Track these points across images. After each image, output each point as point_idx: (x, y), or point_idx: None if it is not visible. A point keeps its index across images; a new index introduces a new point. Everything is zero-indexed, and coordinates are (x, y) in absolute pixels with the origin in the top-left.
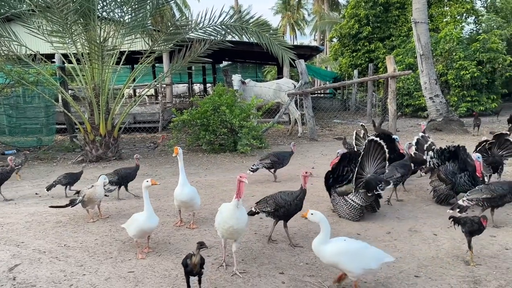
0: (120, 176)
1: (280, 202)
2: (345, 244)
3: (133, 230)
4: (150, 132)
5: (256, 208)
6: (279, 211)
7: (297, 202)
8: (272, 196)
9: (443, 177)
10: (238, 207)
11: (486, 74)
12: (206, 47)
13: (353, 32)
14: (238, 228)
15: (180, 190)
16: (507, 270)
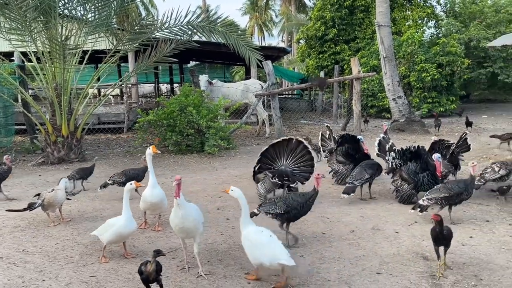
0: (128, 177)
1: (291, 204)
2: (252, 233)
3: (110, 236)
4: (115, 133)
5: (260, 210)
6: (290, 213)
7: (309, 204)
8: (282, 197)
9: (405, 177)
10: (178, 206)
11: (446, 76)
12: (172, 47)
13: (319, 34)
14: (185, 226)
15: (151, 192)
16: (463, 265)
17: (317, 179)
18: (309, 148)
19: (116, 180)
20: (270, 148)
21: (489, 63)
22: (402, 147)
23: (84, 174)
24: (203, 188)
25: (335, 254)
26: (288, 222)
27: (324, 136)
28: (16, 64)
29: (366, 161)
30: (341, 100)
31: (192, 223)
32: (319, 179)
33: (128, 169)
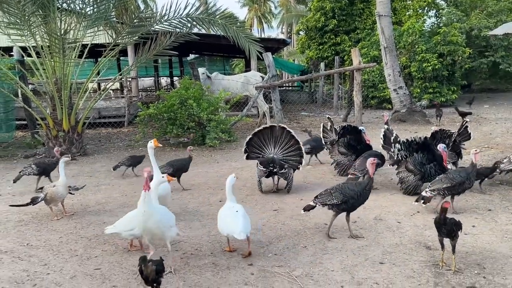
0: (175, 168)
1: (349, 194)
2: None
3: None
4: (116, 127)
5: (317, 202)
6: (347, 203)
7: (366, 192)
8: (337, 188)
9: (412, 168)
10: (145, 201)
11: (447, 66)
12: (171, 40)
13: (319, 25)
14: (147, 226)
15: None
16: (466, 254)
17: (372, 165)
18: (293, 133)
19: (163, 172)
20: (253, 137)
21: (490, 52)
22: (408, 139)
23: (133, 161)
24: (205, 181)
25: (337, 245)
26: (347, 212)
27: (325, 128)
28: (15, 59)
29: (369, 151)
30: (341, 91)
31: (155, 224)
32: (373, 164)
33: (174, 160)
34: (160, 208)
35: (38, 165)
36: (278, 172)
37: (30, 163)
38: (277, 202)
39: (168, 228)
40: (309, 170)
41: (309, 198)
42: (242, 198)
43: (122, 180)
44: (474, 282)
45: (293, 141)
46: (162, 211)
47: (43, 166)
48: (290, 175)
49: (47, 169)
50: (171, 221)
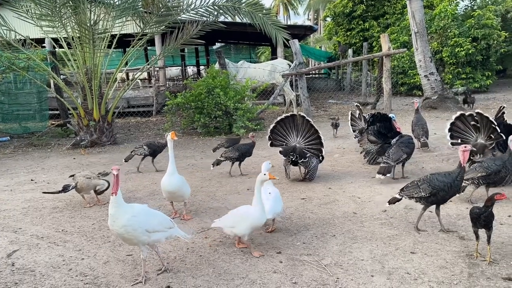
0: (241, 152)
1: (438, 185)
2: None
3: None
4: (144, 116)
5: (403, 194)
6: (437, 195)
7: (457, 183)
8: (425, 179)
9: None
10: (115, 205)
11: (481, 50)
12: (198, 29)
13: (347, 10)
14: (114, 230)
15: (168, 180)
16: (502, 245)
17: (464, 152)
18: (312, 122)
19: (229, 156)
20: (277, 125)
21: None
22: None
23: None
24: (233, 169)
25: (367, 234)
26: (437, 205)
27: (353, 116)
28: (47, 50)
29: (402, 139)
30: (370, 78)
31: (122, 229)
32: (466, 152)
33: (239, 144)
34: (137, 212)
35: (149, 146)
36: (299, 161)
37: (142, 144)
38: (305, 191)
39: (144, 233)
40: (337, 159)
41: (337, 186)
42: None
43: (152, 168)
44: (510, 273)
45: (312, 130)
46: (138, 216)
47: (154, 147)
48: (312, 164)
49: (157, 151)
50: (148, 224)
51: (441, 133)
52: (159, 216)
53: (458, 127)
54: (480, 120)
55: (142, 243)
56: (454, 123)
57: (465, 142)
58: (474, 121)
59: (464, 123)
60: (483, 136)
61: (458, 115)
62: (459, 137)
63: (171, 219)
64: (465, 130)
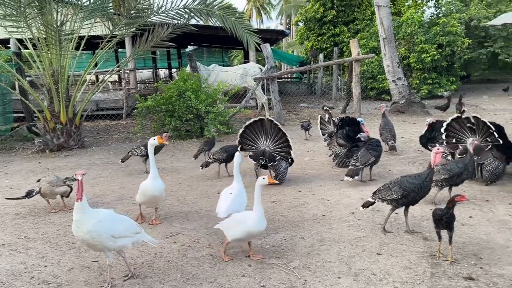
0: (229, 153)
1: (408, 187)
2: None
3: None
4: (114, 120)
5: (375, 198)
6: (407, 197)
7: (427, 184)
8: (396, 182)
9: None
10: (80, 211)
11: (446, 57)
12: (169, 31)
13: (318, 16)
14: (79, 236)
15: (152, 184)
16: (463, 245)
17: (436, 154)
18: (280, 126)
19: (217, 157)
20: (246, 130)
21: (489, 42)
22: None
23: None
24: (204, 173)
25: (335, 236)
26: (407, 206)
27: (323, 120)
28: (12, 51)
29: (370, 142)
30: (340, 82)
31: (87, 235)
32: (438, 154)
33: (227, 145)
34: (103, 217)
35: (146, 146)
36: (268, 165)
37: (139, 145)
38: (275, 194)
39: (110, 239)
40: (307, 162)
41: (307, 189)
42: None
43: (121, 172)
44: (470, 272)
45: (281, 133)
46: (104, 221)
47: None
48: (281, 167)
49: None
50: (115, 230)
51: (409, 136)
52: (126, 221)
53: (454, 128)
54: (477, 123)
55: (108, 249)
56: (450, 124)
57: (460, 142)
58: (471, 124)
59: (460, 125)
60: (479, 138)
61: (455, 117)
62: (454, 137)
63: (138, 224)
64: (461, 131)
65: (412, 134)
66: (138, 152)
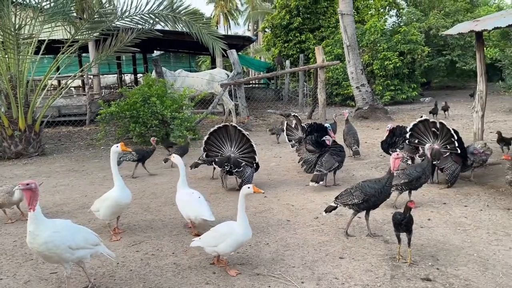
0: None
1: (369, 192)
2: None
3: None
4: (77, 126)
5: (337, 202)
6: (368, 202)
7: (387, 188)
8: (357, 186)
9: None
10: (35, 221)
11: (407, 64)
12: (133, 36)
13: (284, 22)
14: (34, 248)
15: (125, 194)
16: (422, 247)
17: (395, 160)
18: (244, 132)
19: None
20: (210, 136)
21: (448, 51)
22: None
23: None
24: (168, 180)
25: (299, 241)
26: (367, 210)
27: (289, 126)
28: None
29: (333, 147)
30: (306, 89)
31: (42, 246)
32: (397, 159)
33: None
34: (59, 228)
35: (137, 152)
36: (233, 171)
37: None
38: None
39: (67, 250)
40: (273, 168)
41: (272, 194)
42: (206, 196)
43: (83, 180)
44: (428, 273)
45: (245, 139)
46: (61, 232)
47: (142, 153)
48: (246, 173)
49: (145, 156)
50: (74, 241)
51: (372, 141)
52: (84, 232)
53: (419, 129)
54: (441, 129)
55: (65, 260)
56: (416, 125)
57: (421, 144)
58: (435, 129)
59: (425, 128)
60: (439, 143)
61: (423, 119)
62: (417, 138)
63: (97, 235)
64: (425, 134)
65: (375, 139)
66: (130, 158)
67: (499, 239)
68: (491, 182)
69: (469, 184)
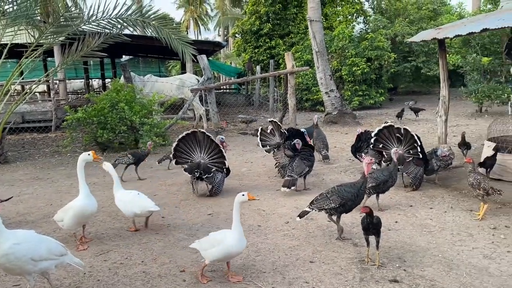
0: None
1: (346, 196)
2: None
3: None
4: (42, 132)
5: (313, 207)
6: (345, 206)
7: (361, 192)
8: (334, 191)
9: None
10: None
11: (375, 70)
12: (100, 41)
13: (254, 28)
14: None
15: (90, 203)
16: (389, 249)
17: (368, 164)
18: (213, 138)
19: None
20: (179, 143)
21: (413, 57)
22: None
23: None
24: (137, 187)
25: (270, 246)
26: (340, 214)
27: (264, 131)
28: None
29: (303, 152)
30: (277, 94)
31: (3, 258)
32: (369, 164)
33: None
34: (21, 239)
35: (133, 155)
36: (204, 177)
37: (126, 153)
38: (212, 206)
39: (30, 262)
40: (244, 173)
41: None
42: (176, 203)
43: (48, 188)
44: (395, 275)
45: (214, 144)
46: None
47: (138, 156)
48: (217, 179)
49: (141, 159)
50: (41, 253)
51: (341, 146)
52: (48, 243)
53: (384, 135)
54: (405, 135)
55: (27, 272)
56: (381, 131)
57: (386, 149)
58: (399, 134)
59: (390, 133)
60: (403, 148)
61: (387, 125)
62: (382, 143)
63: (63, 245)
64: (389, 139)
65: (344, 143)
66: (126, 160)
67: (463, 239)
68: (455, 185)
69: (434, 186)
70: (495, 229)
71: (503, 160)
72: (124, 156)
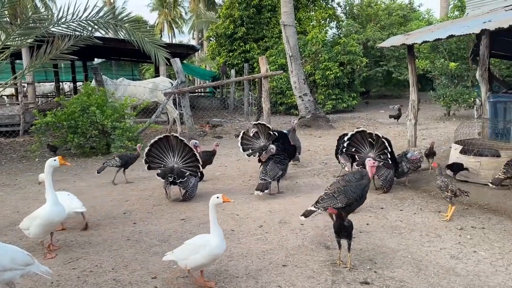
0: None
1: (352, 196)
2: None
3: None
4: (9, 137)
5: (318, 206)
6: (351, 206)
7: (365, 193)
8: (340, 191)
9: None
10: None
11: (347, 74)
12: (70, 43)
13: (228, 32)
14: None
15: (57, 210)
16: (360, 251)
17: (372, 168)
18: (186, 142)
19: None
20: (152, 148)
21: (384, 62)
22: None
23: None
24: (109, 193)
25: (243, 251)
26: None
27: (246, 135)
28: None
29: (277, 155)
30: (252, 97)
31: None
32: (373, 167)
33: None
34: None
35: (121, 157)
36: (177, 181)
37: (114, 156)
38: (185, 211)
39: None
40: (218, 177)
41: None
42: (148, 208)
43: (15, 195)
44: (366, 277)
45: (187, 148)
46: None
47: (126, 159)
48: (191, 183)
49: (129, 162)
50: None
51: (314, 149)
52: (12, 252)
53: (357, 139)
54: (376, 140)
55: None
56: (354, 135)
57: (358, 152)
58: (372, 139)
59: (362, 138)
60: (374, 152)
61: (360, 130)
62: (354, 147)
63: (29, 254)
64: (361, 143)
65: (317, 147)
66: (113, 163)
67: (431, 240)
68: (424, 187)
69: (404, 189)
70: (462, 230)
71: (469, 162)
72: (111, 159)
